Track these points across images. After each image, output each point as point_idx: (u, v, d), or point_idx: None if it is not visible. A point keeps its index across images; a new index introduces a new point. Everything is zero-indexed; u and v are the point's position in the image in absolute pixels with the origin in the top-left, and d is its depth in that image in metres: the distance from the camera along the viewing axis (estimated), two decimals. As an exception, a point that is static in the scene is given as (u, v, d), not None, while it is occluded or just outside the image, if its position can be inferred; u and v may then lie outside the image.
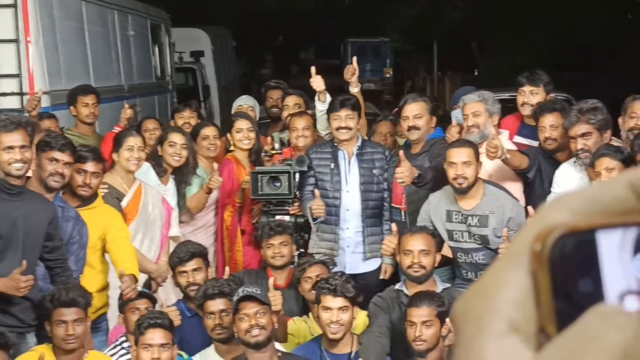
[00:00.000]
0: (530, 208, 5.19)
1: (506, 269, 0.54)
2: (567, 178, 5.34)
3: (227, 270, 5.37)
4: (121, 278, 4.91)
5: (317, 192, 5.80)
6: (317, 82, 6.22)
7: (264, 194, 5.88)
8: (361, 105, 6.11)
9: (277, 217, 5.85)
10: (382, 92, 28.58)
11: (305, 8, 37.52)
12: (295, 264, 5.47)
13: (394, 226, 5.38)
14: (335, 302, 4.63)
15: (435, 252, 5.09)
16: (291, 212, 5.96)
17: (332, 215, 5.86)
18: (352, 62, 6.36)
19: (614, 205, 0.53)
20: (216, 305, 4.72)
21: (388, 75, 31.77)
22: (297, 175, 5.89)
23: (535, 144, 5.84)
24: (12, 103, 7.97)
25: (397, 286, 5.14)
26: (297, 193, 5.90)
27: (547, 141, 5.63)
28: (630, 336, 0.48)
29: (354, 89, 6.27)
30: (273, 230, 5.48)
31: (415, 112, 5.84)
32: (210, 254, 5.87)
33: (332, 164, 5.90)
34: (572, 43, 20.22)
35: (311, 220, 5.83)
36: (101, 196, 5.46)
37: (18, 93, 8.10)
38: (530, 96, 6.03)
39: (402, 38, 31.80)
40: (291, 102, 7.12)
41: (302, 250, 5.85)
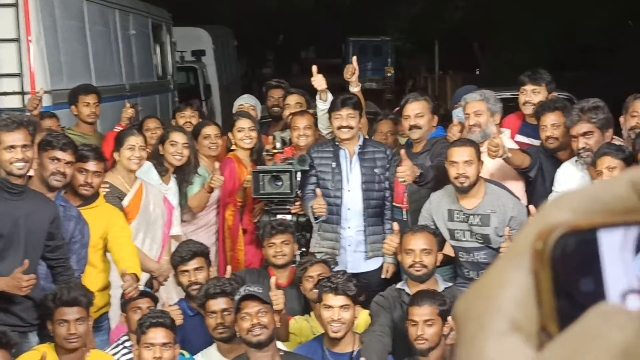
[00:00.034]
0: (532, 207, 5.18)
1: (508, 268, 0.54)
2: (569, 177, 5.34)
3: (229, 269, 5.37)
4: (123, 277, 4.92)
5: (319, 191, 5.79)
6: (319, 81, 6.21)
7: (266, 193, 5.88)
8: (362, 104, 6.11)
9: (279, 217, 5.84)
10: (384, 91, 28.56)
11: (305, 8, 37.49)
12: (297, 263, 5.47)
13: (396, 225, 5.37)
14: (336, 301, 4.63)
15: (436, 251, 5.08)
16: (293, 212, 5.95)
17: (334, 214, 5.85)
18: (352, 62, 6.36)
19: (615, 204, 0.53)
20: (218, 304, 4.72)
21: (389, 74, 31.73)
22: (299, 174, 5.89)
23: (536, 143, 5.84)
24: (14, 102, 7.97)
25: (399, 285, 5.14)
26: (299, 192, 5.89)
27: (549, 140, 5.62)
28: (631, 335, 0.48)
29: (354, 89, 6.26)
30: (275, 229, 5.48)
31: (416, 111, 5.84)
32: (211, 253, 5.87)
33: (334, 163, 5.89)
34: (572, 43, 20.21)
35: (313, 219, 5.82)
36: (103, 195, 5.47)
37: (19, 92, 8.11)
38: (532, 95, 6.03)
39: (404, 37, 31.78)
40: (292, 101, 7.12)
41: (304, 249, 5.84)
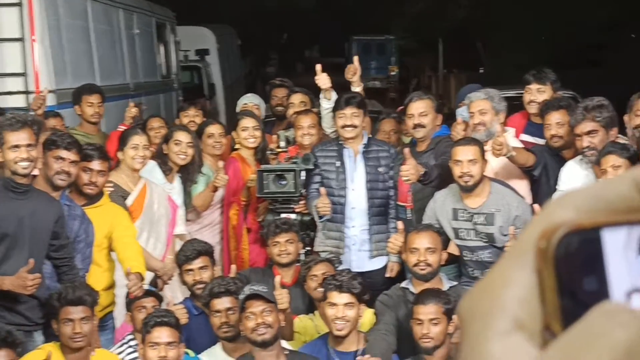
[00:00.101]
0: (536, 206, 5.18)
1: (511, 267, 0.54)
2: (573, 176, 5.33)
3: (234, 268, 5.37)
4: (128, 276, 4.92)
5: (323, 190, 5.79)
6: (323, 80, 6.21)
7: (270, 192, 5.88)
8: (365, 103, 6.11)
9: (283, 216, 5.84)
10: (388, 90, 28.56)
11: (307, 7, 37.47)
12: (301, 262, 5.47)
13: (400, 224, 5.37)
14: (341, 298, 4.64)
15: (441, 250, 5.09)
16: (297, 210, 5.95)
17: (338, 213, 5.85)
18: (354, 62, 6.34)
19: (619, 203, 0.53)
20: (222, 303, 4.72)
21: (393, 73, 31.70)
22: (303, 173, 5.89)
23: (541, 142, 5.82)
24: (18, 102, 7.98)
25: (403, 284, 5.14)
26: (303, 191, 5.89)
27: (553, 139, 5.62)
28: (635, 334, 0.48)
29: (356, 89, 6.25)
30: (279, 228, 5.48)
31: (420, 110, 5.83)
32: (216, 252, 5.87)
33: (338, 162, 5.89)
34: (573, 42, 20.19)
35: (317, 218, 5.82)
36: (107, 194, 5.47)
37: (24, 92, 8.11)
38: (537, 94, 6.01)
39: (407, 36, 31.75)
40: (297, 100, 7.12)
41: (309, 248, 5.84)
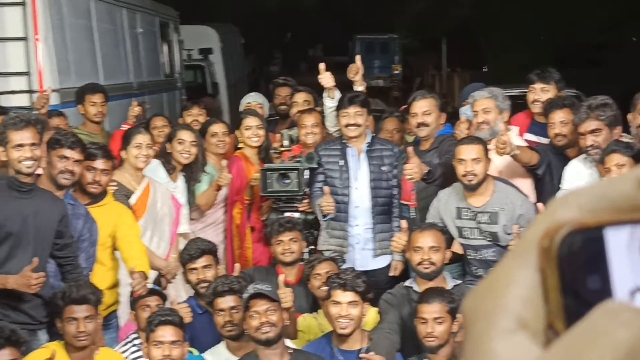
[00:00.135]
0: (540, 205, 5.17)
1: (515, 266, 0.54)
2: (577, 174, 5.32)
3: (237, 267, 5.37)
4: (132, 275, 4.93)
5: (327, 189, 5.79)
6: (326, 79, 6.20)
7: (274, 191, 5.88)
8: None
9: (287, 214, 5.85)
10: (391, 89, 28.52)
11: (308, 6, 37.44)
12: (305, 261, 5.47)
13: (404, 223, 5.37)
14: (344, 297, 4.64)
15: (445, 249, 5.08)
16: (300, 209, 5.95)
17: (342, 212, 5.85)
18: (356, 61, 6.34)
19: (622, 202, 0.53)
20: (226, 302, 4.73)
21: (397, 71, 31.65)
22: (307, 172, 5.89)
23: (545, 142, 5.81)
24: (22, 101, 7.98)
25: (407, 283, 5.14)
26: (307, 190, 5.89)
27: (557, 137, 5.61)
28: (637, 332, 0.48)
29: (359, 88, 6.24)
30: (282, 226, 5.49)
31: (424, 109, 5.83)
32: (220, 251, 5.87)
33: (341, 161, 5.89)
34: (573, 42, 20.19)
35: (321, 217, 5.83)
36: (111, 193, 5.48)
37: (27, 91, 8.12)
38: (541, 93, 6.00)
39: (410, 35, 31.71)
40: (300, 99, 7.12)
41: (312, 247, 5.85)
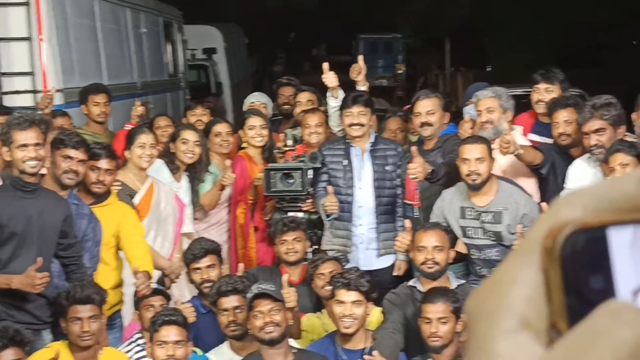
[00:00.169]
0: (543, 204, 5.17)
1: (518, 266, 0.54)
2: (581, 174, 5.31)
3: (241, 266, 5.37)
4: (135, 275, 4.93)
5: (330, 189, 5.79)
6: (330, 79, 6.20)
7: (277, 191, 5.88)
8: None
9: (290, 214, 5.84)
10: (395, 89, 28.49)
11: (310, 6, 37.42)
12: (308, 261, 5.47)
13: (407, 222, 5.37)
14: (348, 296, 4.63)
15: (448, 249, 5.08)
16: (304, 209, 5.94)
17: (345, 211, 5.85)
18: (359, 61, 6.33)
19: (625, 201, 0.53)
20: (230, 302, 4.73)
21: (400, 71, 31.61)
22: (310, 172, 5.89)
23: (549, 142, 5.80)
24: (26, 101, 7.99)
25: (411, 282, 5.14)
26: (310, 190, 5.89)
27: (561, 137, 5.60)
28: (640, 332, 0.48)
29: (361, 88, 6.24)
30: (286, 226, 5.49)
31: (427, 109, 5.82)
32: (223, 251, 5.87)
33: (345, 161, 5.89)
34: (573, 42, 20.18)
35: (324, 217, 5.82)
36: (115, 193, 5.48)
37: (31, 91, 8.12)
38: (545, 94, 5.99)
39: (413, 34, 31.69)
40: (304, 99, 7.12)
41: (316, 246, 5.84)
